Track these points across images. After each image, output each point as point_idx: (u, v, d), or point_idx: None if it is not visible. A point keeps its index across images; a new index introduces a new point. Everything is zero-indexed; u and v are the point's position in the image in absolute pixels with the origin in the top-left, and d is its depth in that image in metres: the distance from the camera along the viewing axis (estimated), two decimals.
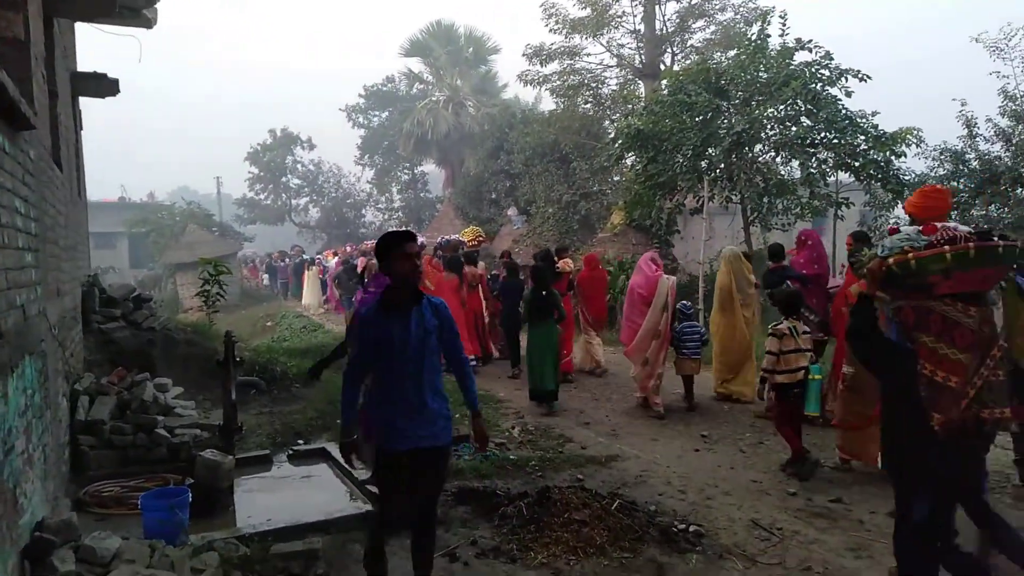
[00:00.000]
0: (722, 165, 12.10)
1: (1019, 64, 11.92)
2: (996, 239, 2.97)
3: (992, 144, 11.82)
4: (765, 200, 12.10)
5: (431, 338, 3.30)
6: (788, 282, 7.13)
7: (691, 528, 4.20)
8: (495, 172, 24.41)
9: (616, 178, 18.68)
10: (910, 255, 2.98)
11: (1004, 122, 11.70)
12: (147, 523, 3.76)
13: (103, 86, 8.62)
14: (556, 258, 9.55)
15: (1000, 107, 11.74)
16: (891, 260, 3.03)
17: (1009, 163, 11.36)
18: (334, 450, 5.78)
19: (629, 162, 15.33)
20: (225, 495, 4.68)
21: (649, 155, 12.80)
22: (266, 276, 31.75)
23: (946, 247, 2.94)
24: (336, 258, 21.10)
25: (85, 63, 8.51)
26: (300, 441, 6.20)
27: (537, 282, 8.03)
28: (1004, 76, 11.84)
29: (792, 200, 12.19)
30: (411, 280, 3.31)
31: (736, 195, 12.26)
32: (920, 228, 3.09)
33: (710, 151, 12.21)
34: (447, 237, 15.72)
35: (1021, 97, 11.70)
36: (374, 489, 4.76)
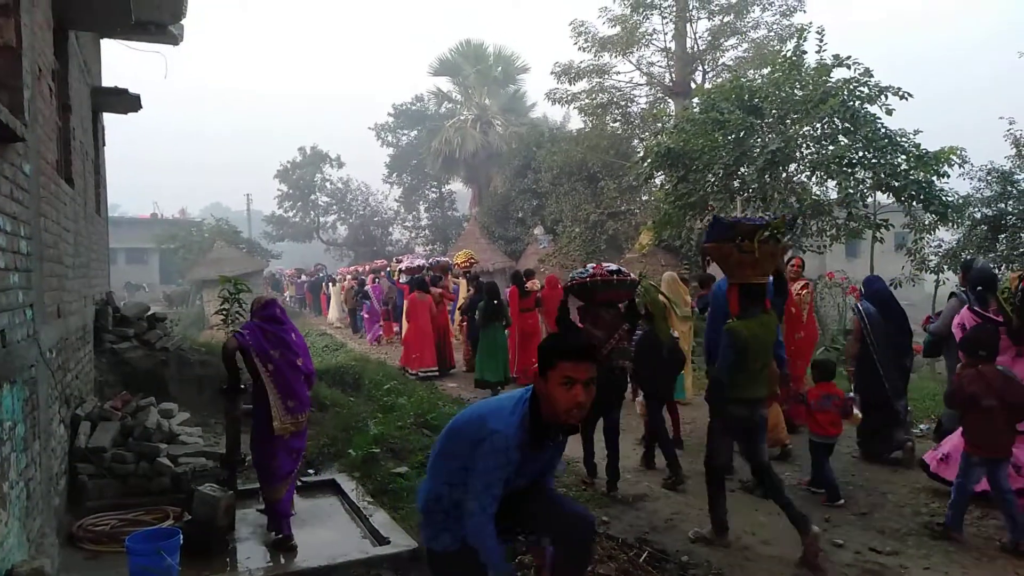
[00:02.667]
0: (755, 185, 11.68)
1: None
2: (615, 276, 5.72)
3: None
4: (799, 221, 11.66)
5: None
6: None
7: None
8: (522, 191, 24.23)
9: (645, 197, 18.34)
10: (574, 281, 5.74)
11: None
12: (132, 569, 3.48)
13: (125, 101, 8.52)
14: (525, 279, 10.91)
15: None
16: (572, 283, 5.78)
17: None
18: (344, 483, 5.49)
19: (658, 181, 14.97)
20: (224, 532, 4.39)
21: (679, 174, 12.44)
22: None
23: (587, 278, 5.71)
24: (349, 276, 21.83)
25: (129, 83, 8.36)
26: (310, 471, 5.90)
27: (489, 294, 9.87)
28: None
29: (827, 221, 11.75)
30: (574, 418, 2.52)
31: (769, 215, 11.83)
32: (594, 264, 5.77)
33: (743, 170, 11.81)
34: (437, 258, 17.37)
35: None
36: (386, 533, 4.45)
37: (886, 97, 10.73)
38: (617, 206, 18.45)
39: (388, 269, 19.61)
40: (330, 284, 24.47)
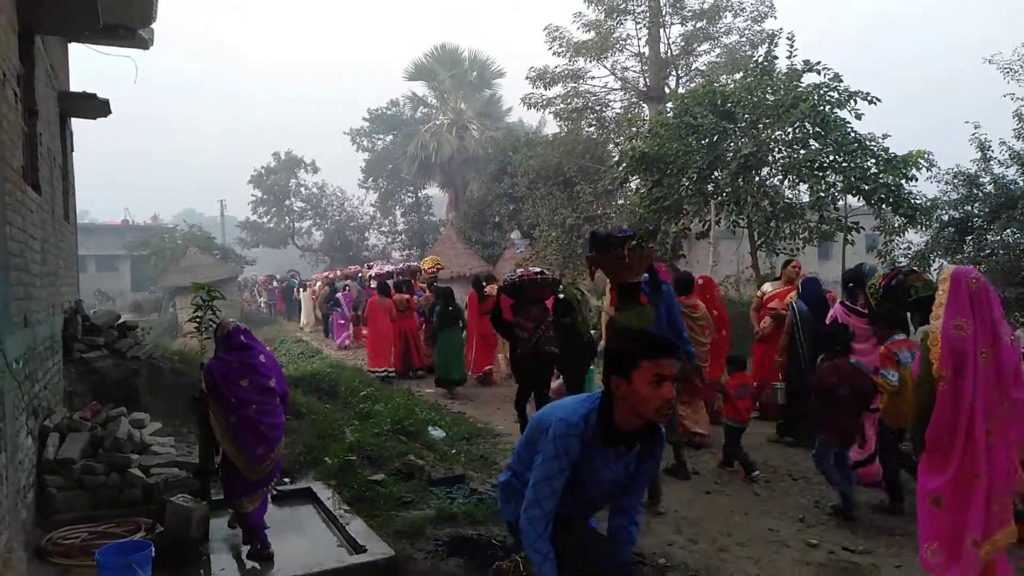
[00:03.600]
0: (729, 189, 11.81)
1: None
2: (539, 276, 7.21)
3: (1007, 168, 11.50)
4: (772, 224, 11.81)
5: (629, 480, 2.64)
6: None
7: None
8: (498, 195, 24.24)
9: (620, 201, 18.44)
10: (507, 283, 7.04)
11: (1019, 145, 11.38)
12: None
13: (93, 107, 8.38)
14: (484, 284, 11.25)
15: (1015, 130, 11.43)
16: (505, 284, 7.06)
17: None
18: (320, 491, 5.45)
19: (633, 185, 15.09)
20: (198, 544, 4.32)
21: (654, 178, 12.54)
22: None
23: (517, 279, 7.09)
24: (319, 282, 22.53)
25: (102, 90, 8.21)
26: (286, 480, 5.83)
27: (445, 299, 10.61)
28: (1019, 98, 11.54)
29: (800, 224, 11.91)
30: (665, 417, 2.45)
31: (743, 219, 11.97)
32: (521, 269, 7.19)
33: (716, 174, 11.94)
34: (408, 264, 18.66)
35: None
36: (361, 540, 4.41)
37: (855, 102, 10.93)
38: (593, 210, 18.52)
39: (359, 275, 20.23)
40: (301, 290, 24.64)
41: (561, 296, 6.89)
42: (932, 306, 5.51)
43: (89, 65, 10.19)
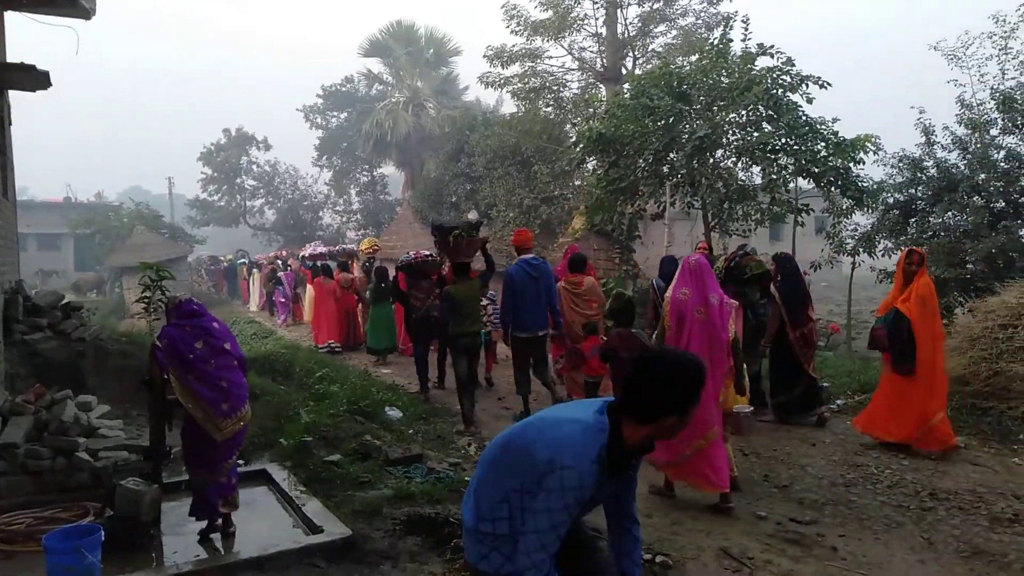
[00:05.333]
0: (684, 170, 11.92)
1: (976, 73, 11.99)
2: (429, 257, 9.26)
3: (949, 152, 11.86)
4: (726, 206, 11.98)
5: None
6: None
7: (658, 559, 3.91)
8: (455, 175, 24.03)
9: (577, 182, 18.46)
10: (404, 263, 9.09)
11: (961, 130, 11.73)
12: (51, 569, 3.33)
13: (32, 79, 8.04)
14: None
15: (957, 115, 11.78)
16: (402, 264, 9.10)
17: (966, 171, 11.40)
18: (276, 472, 5.40)
19: (590, 166, 15.11)
20: (149, 527, 4.25)
21: (611, 159, 12.58)
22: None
23: (412, 260, 9.02)
24: (265, 262, 23.60)
25: (38, 58, 7.86)
26: (240, 461, 5.74)
27: (378, 277, 11.84)
28: (961, 85, 11.89)
29: (752, 206, 12.11)
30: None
31: (697, 200, 12.12)
32: (413, 252, 9.39)
33: (672, 156, 12.03)
34: (344, 246, 20.21)
35: (978, 106, 11.76)
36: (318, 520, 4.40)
37: (807, 86, 11.09)
38: (550, 191, 18.50)
39: (301, 255, 21.40)
40: (255, 270, 24.48)
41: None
42: (765, 281, 7.23)
43: (29, 41, 9.78)
